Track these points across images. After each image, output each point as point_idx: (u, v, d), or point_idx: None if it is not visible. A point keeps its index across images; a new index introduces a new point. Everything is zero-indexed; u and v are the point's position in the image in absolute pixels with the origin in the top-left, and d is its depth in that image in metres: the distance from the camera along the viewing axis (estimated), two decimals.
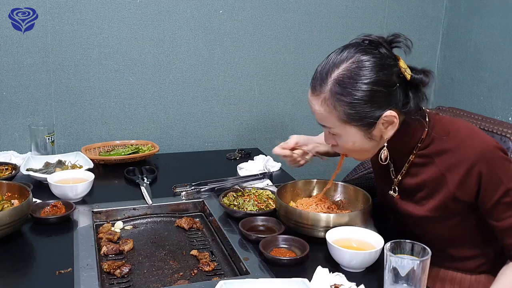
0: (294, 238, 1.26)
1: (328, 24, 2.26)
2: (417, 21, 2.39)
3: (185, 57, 2.09)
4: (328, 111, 1.16)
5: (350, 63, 1.13)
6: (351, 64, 1.13)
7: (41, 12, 1.88)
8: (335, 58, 1.16)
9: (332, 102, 1.14)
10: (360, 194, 1.41)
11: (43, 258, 1.17)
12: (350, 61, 1.14)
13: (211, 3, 2.07)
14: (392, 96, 1.14)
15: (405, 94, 1.16)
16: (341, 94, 1.13)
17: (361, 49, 1.15)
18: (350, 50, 1.16)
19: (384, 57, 1.14)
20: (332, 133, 1.21)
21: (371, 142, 1.19)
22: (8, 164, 1.72)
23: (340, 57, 1.15)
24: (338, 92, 1.13)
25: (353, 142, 1.19)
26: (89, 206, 1.47)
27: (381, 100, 1.13)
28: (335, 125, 1.18)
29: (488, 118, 1.78)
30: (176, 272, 1.23)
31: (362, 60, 1.13)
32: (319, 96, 1.16)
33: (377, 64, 1.12)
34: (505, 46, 2.08)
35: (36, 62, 1.92)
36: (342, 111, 1.14)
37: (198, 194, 1.57)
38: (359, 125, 1.16)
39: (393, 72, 1.14)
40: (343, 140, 1.20)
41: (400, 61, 1.16)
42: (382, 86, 1.12)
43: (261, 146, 2.26)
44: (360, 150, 1.22)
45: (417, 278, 0.99)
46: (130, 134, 2.10)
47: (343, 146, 1.22)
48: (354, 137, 1.18)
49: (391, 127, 1.17)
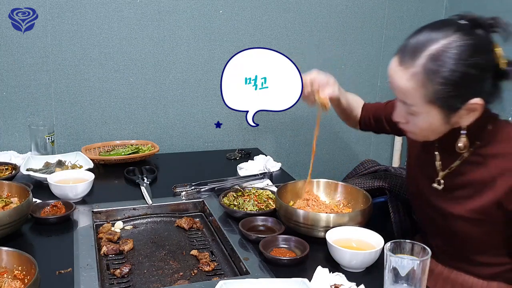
0: (294, 238, 1.26)
1: (328, 24, 2.26)
2: (417, 21, 2.38)
3: (185, 57, 2.09)
4: (415, 88, 1.08)
5: (449, 41, 1.05)
6: (449, 42, 1.05)
7: (41, 12, 1.88)
8: (432, 33, 1.08)
9: (422, 78, 1.07)
10: (360, 194, 1.41)
11: (43, 258, 1.17)
12: (449, 38, 1.06)
13: (211, 3, 2.07)
14: (483, 83, 1.08)
15: (494, 83, 1.10)
16: (435, 72, 1.05)
17: (461, 28, 1.07)
18: (449, 27, 1.07)
19: (482, 40, 1.08)
20: (410, 112, 1.13)
21: (446, 126, 1.13)
22: (8, 164, 1.72)
23: (437, 32, 1.07)
24: (432, 69, 1.05)
25: (430, 123, 1.12)
26: (89, 206, 1.47)
27: (473, 85, 1.07)
28: (418, 104, 1.10)
29: None
30: (176, 272, 1.23)
31: (460, 39, 1.05)
32: (408, 70, 1.08)
33: (476, 46, 1.06)
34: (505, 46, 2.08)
35: (36, 62, 1.92)
36: (431, 90, 1.07)
37: (198, 194, 1.57)
38: (443, 108, 1.09)
39: (489, 57, 1.08)
40: (419, 119, 1.13)
41: (497, 47, 1.09)
42: (477, 70, 1.05)
43: (261, 146, 2.26)
44: (432, 131, 1.15)
45: (417, 278, 0.99)
46: (130, 134, 2.10)
47: (417, 125, 1.15)
48: (433, 119, 1.11)
49: (472, 114, 1.10)
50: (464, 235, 1.22)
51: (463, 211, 1.19)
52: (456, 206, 1.20)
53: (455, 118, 1.11)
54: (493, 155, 1.15)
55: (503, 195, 1.12)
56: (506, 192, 1.12)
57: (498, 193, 1.13)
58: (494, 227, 1.18)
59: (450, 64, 1.05)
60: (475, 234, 1.20)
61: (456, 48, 1.05)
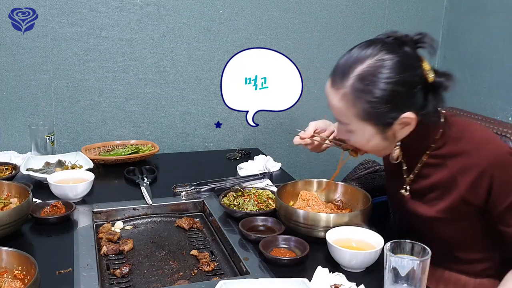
0: (294, 238, 1.26)
1: (328, 24, 2.26)
2: (417, 21, 2.38)
3: (185, 57, 2.09)
4: (347, 107, 1.14)
5: (375, 60, 1.11)
6: (375, 62, 1.11)
7: (41, 12, 1.88)
8: (359, 53, 1.13)
9: (352, 98, 1.12)
10: (360, 194, 1.41)
11: (43, 258, 1.17)
12: (375, 58, 1.11)
13: (211, 3, 2.07)
14: (413, 98, 1.12)
15: (425, 96, 1.14)
16: (363, 91, 1.11)
17: (387, 46, 1.12)
18: (375, 46, 1.13)
19: (409, 57, 1.12)
20: (347, 130, 1.19)
21: (384, 141, 1.18)
22: (8, 164, 1.72)
23: (364, 52, 1.13)
24: (360, 89, 1.11)
25: (367, 140, 1.18)
26: (89, 206, 1.47)
27: (402, 101, 1.12)
28: (352, 122, 1.16)
29: (488, 118, 1.78)
30: (176, 272, 1.23)
31: (386, 58, 1.10)
32: (339, 90, 1.14)
33: (401, 64, 1.10)
34: (505, 46, 2.08)
35: (36, 62, 1.92)
36: (361, 108, 1.12)
37: (198, 194, 1.57)
38: (376, 124, 1.14)
39: (416, 73, 1.12)
40: (357, 136, 1.19)
41: (424, 62, 1.13)
42: (404, 86, 1.10)
43: (261, 146, 2.26)
44: (373, 147, 1.20)
45: (417, 278, 0.99)
46: (130, 134, 2.10)
47: (356, 142, 1.21)
48: (369, 135, 1.17)
49: (406, 128, 1.15)
50: (443, 235, 1.25)
51: (434, 212, 1.23)
52: (428, 209, 1.24)
53: (391, 132, 1.16)
54: (450, 155, 1.19)
55: (466, 192, 1.17)
56: (467, 189, 1.17)
57: (461, 190, 1.17)
58: (468, 223, 1.22)
59: (377, 83, 1.10)
60: (452, 232, 1.24)
61: (381, 67, 1.10)
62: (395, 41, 1.15)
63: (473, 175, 1.15)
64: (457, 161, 1.18)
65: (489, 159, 1.14)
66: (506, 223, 1.16)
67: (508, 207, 1.14)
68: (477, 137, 1.18)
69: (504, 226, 1.17)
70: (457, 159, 1.18)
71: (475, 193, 1.16)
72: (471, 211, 1.20)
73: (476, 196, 1.16)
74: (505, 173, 1.13)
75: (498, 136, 1.34)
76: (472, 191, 1.16)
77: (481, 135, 1.18)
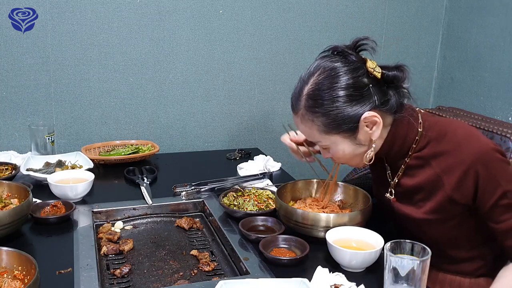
0: (294, 238, 1.26)
1: (328, 24, 2.26)
2: (417, 21, 2.39)
3: (185, 57, 2.09)
4: (309, 126, 1.19)
5: (317, 76, 1.17)
6: (317, 77, 1.17)
7: (41, 12, 1.88)
8: (304, 75, 1.20)
9: (309, 116, 1.18)
10: (360, 194, 1.41)
11: (43, 258, 1.17)
12: (317, 73, 1.17)
13: (211, 3, 2.07)
14: (366, 97, 1.15)
15: (383, 92, 1.17)
16: (314, 106, 1.16)
17: (326, 59, 1.18)
18: (316, 63, 1.20)
19: (348, 62, 1.16)
20: (323, 147, 1.23)
21: (360, 147, 1.21)
22: (8, 164, 1.72)
23: (308, 72, 1.20)
24: (311, 105, 1.16)
25: (342, 150, 1.21)
26: (89, 206, 1.47)
27: (354, 104, 1.14)
28: (320, 138, 1.20)
29: (488, 118, 1.78)
30: (176, 272, 1.23)
31: (326, 69, 1.16)
32: (298, 114, 1.21)
33: (341, 70, 1.15)
34: (505, 46, 2.08)
35: (36, 62, 1.92)
36: (320, 123, 1.17)
37: (198, 194, 1.57)
38: (341, 132, 1.17)
39: (360, 74, 1.15)
40: (333, 150, 1.22)
41: (367, 62, 1.17)
42: (351, 89, 1.14)
43: (261, 146, 2.26)
44: (353, 156, 1.22)
45: (417, 278, 0.99)
46: (130, 134, 2.10)
47: (336, 157, 1.24)
48: (342, 146, 1.20)
49: (376, 127, 1.17)
50: (433, 235, 1.26)
51: (422, 214, 1.24)
52: (415, 210, 1.25)
53: (362, 136, 1.18)
54: (434, 155, 1.20)
55: (452, 191, 1.17)
56: (453, 188, 1.17)
57: (447, 190, 1.18)
58: (456, 222, 1.23)
59: (324, 95, 1.15)
60: (442, 232, 1.25)
61: (324, 80, 1.15)
62: (333, 52, 1.20)
63: (458, 173, 1.15)
64: (441, 160, 1.18)
65: (472, 156, 1.13)
66: (496, 220, 1.16)
67: (495, 203, 1.14)
68: (459, 135, 1.18)
69: (493, 223, 1.16)
70: (440, 158, 1.18)
71: (461, 191, 1.16)
72: (459, 210, 1.20)
73: (462, 194, 1.16)
74: (489, 169, 1.13)
75: (480, 132, 1.34)
76: (458, 190, 1.16)
77: (463, 132, 1.18)
